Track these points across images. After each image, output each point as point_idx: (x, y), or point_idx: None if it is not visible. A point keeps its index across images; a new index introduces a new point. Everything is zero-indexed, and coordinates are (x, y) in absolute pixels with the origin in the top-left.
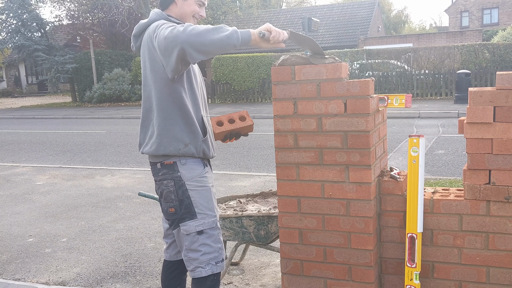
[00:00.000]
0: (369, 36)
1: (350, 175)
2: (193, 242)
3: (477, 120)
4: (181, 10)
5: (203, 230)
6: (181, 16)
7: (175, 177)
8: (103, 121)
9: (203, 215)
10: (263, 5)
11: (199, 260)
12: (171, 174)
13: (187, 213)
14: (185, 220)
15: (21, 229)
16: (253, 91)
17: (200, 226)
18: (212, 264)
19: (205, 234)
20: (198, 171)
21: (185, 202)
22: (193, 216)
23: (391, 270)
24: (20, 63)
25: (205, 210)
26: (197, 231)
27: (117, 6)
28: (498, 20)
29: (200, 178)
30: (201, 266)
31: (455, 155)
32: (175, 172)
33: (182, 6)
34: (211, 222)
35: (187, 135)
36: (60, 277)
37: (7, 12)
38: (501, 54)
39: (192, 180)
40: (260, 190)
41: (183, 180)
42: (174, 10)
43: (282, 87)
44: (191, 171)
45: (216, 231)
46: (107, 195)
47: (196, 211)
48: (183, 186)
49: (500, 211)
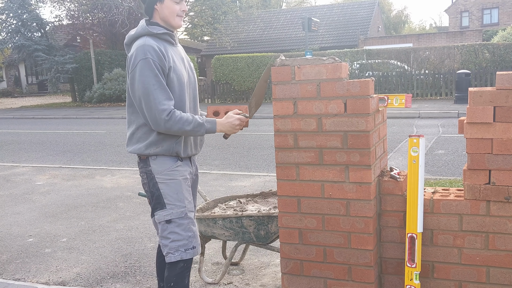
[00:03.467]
0: (369, 36)
1: (350, 175)
2: (164, 230)
3: (477, 120)
4: (162, 15)
5: (171, 220)
6: (165, 20)
7: (147, 171)
8: (103, 121)
9: (172, 205)
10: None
11: (169, 247)
12: (145, 168)
13: (158, 203)
14: (156, 210)
15: (21, 229)
16: (253, 91)
17: (168, 216)
18: (181, 251)
19: (174, 223)
20: (168, 165)
21: (155, 194)
22: (163, 207)
23: (391, 270)
24: (20, 63)
25: (174, 201)
26: (166, 220)
27: (117, 6)
28: (498, 20)
29: (170, 172)
30: (171, 252)
31: (455, 155)
32: (147, 166)
33: (162, 11)
34: (180, 212)
35: (157, 140)
36: (60, 277)
37: (7, 12)
38: (501, 54)
39: (162, 173)
40: (260, 190)
41: (153, 174)
42: (157, 16)
43: (282, 87)
44: (161, 165)
45: (185, 221)
46: (107, 195)
47: (165, 202)
48: (153, 179)
49: (500, 211)
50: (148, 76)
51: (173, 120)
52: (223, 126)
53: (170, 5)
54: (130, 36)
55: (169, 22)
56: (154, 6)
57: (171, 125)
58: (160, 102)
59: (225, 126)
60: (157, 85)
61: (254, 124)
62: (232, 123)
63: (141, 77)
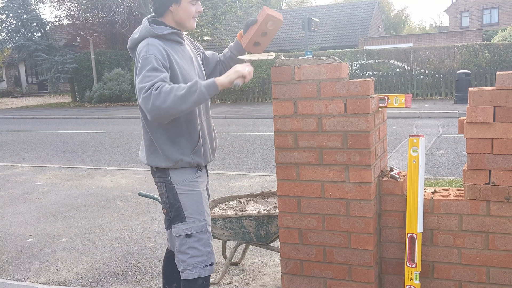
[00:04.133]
0: (369, 36)
1: (350, 175)
2: (182, 245)
3: (477, 120)
4: (177, 17)
5: (191, 234)
6: (179, 22)
7: (166, 181)
8: (103, 121)
9: (192, 219)
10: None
11: (187, 263)
12: (164, 178)
13: (177, 216)
14: (175, 222)
15: (21, 229)
16: (253, 91)
17: (188, 230)
18: (200, 268)
19: (194, 237)
20: (188, 175)
21: (175, 205)
22: (183, 219)
23: (391, 270)
24: (20, 63)
25: (194, 214)
26: (186, 234)
27: (117, 6)
28: (498, 20)
29: (190, 183)
30: (189, 268)
31: (455, 155)
32: (167, 176)
33: (178, 13)
34: (200, 226)
35: (175, 153)
36: (60, 277)
37: (7, 12)
38: (501, 54)
39: (182, 184)
40: (260, 190)
41: (173, 184)
42: (170, 17)
43: (282, 87)
44: (181, 175)
45: (205, 235)
46: (107, 195)
47: (185, 215)
48: (173, 190)
49: (500, 211)
50: (144, 69)
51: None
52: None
53: (186, 7)
54: (134, 40)
55: (184, 24)
56: (169, 7)
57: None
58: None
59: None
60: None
61: (254, 124)
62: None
63: (138, 73)
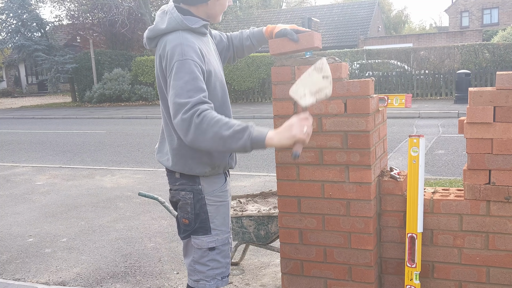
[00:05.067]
0: (369, 36)
1: (350, 175)
2: (203, 257)
3: (477, 120)
4: (212, 11)
5: (215, 247)
6: (211, 16)
7: (195, 190)
8: (103, 121)
9: (218, 231)
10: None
11: (205, 274)
12: (191, 186)
13: (202, 228)
14: (198, 234)
15: (21, 229)
16: (253, 91)
17: (212, 243)
18: (218, 279)
19: (217, 250)
20: (219, 184)
21: (201, 217)
22: (207, 232)
23: (391, 270)
24: (20, 63)
25: (220, 226)
26: (209, 247)
27: (117, 6)
28: (498, 20)
29: (220, 193)
30: (206, 280)
31: (455, 155)
32: (196, 185)
33: (214, 7)
34: (224, 239)
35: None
36: (60, 277)
37: (7, 12)
38: (501, 54)
39: (213, 194)
40: (260, 190)
41: (203, 194)
42: (203, 9)
43: (282, 87)
44: (213, 185)
45: (227, 247)
46: (107, 195)
47: (211, 227)
48: (202, 200)
49: (500, 211)
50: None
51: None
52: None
53: (224, 2)
54: (158, 30)
55: (214, 18)
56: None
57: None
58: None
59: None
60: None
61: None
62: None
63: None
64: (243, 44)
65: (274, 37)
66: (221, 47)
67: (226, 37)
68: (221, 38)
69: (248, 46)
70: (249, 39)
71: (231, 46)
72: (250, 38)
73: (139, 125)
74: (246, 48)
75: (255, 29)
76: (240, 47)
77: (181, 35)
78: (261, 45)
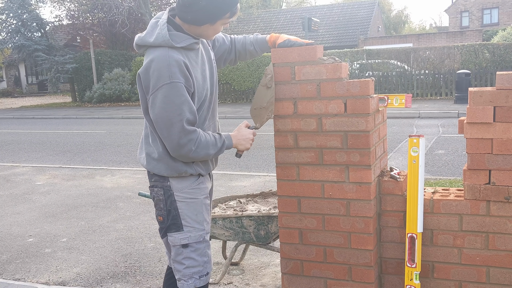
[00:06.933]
0: (369, 36)
1: (350, 175)
2: (178, 254)
3: (477, 120)
4: (204, 33)
5: (188, 244)
6: (202, 36)
7: (165, 186)
8: (103, 121)
9: (190, 228)
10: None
11: (182, 273)
12: (162, 183)
13: (174, 224)
14: (171, 231)
15: (21, 229)
16: (253, 91)
17: (185, 240)
18: (195, 278)
19: (190, 247)
20: (189, 182)
21: (172, 213)
22: (179, 228)
23: (391, 270)
24: (20, 63)
25: (192, 223)
26: (182, 244)
27: (117, 6)
28: (498, 20)
29: (191, 190)
30: (184, 279)
31: (455, 155)
32: (166, 181)
33: (207, 30)
34: (198, 236)
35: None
36: (60, 277)
37: (7, 12)
38: (501, 54)
39: (182, 191)
40: (260, 190)
41: (172, 190)
42: (195, 30)
43: (282, 87)
44: (182, 182)
45: (202, 245)
46: (107, 195)
47: (182, 223)
48: (171, 197)
49: (500, 211)
50: (172, 105)
51: (200, 147)
52: (237, 140)
53: (218, 28)
54: (146, 42)
55: (206, 38)
56: (202, 26)
57: (198, 153)
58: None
59: (239, 140)
60: (183, 115)
61: None
62: (245, 136)
63: (163, 105)
64: (246, 49)
65: (276, 47)
66: (222, 50)
67: (229, 40)
68: (223, 41)
69: (250, 52)
70: (253, 45)
71: (233, 50)
72: (253, 44)
73: (139, 125)
74: (248, 53)
75: (259, 36)
76: (243, 52)
77: (167, 53)
78: (264, 52)
